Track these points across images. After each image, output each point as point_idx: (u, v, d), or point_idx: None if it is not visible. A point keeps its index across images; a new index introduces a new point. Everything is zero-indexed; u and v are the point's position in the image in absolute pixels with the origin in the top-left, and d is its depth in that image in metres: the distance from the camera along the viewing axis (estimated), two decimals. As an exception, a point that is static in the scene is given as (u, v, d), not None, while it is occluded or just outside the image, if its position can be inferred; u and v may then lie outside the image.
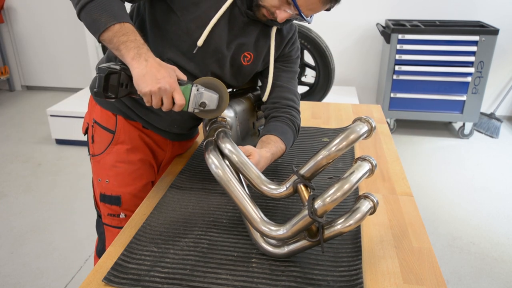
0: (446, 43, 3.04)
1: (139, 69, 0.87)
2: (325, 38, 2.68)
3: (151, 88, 0.87)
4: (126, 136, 1.16)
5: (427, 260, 0.86)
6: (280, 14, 1.00)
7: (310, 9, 0.99)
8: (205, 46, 1.03)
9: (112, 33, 0.88)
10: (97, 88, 0.90)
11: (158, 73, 0.88)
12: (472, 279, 1.89)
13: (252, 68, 1.14)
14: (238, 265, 0.84)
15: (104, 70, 0.89)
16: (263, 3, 1.00)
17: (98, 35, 0.89)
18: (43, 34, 4.22)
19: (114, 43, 0.88)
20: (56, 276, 1.90)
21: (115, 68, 0.90)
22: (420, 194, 2.55)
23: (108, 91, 0.90)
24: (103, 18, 0.88)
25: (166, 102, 0.91)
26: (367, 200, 0.81)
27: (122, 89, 0.92)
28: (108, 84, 0.90)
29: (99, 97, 0.91)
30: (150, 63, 0.88)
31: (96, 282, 0.80)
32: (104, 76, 0.89)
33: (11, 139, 3.36)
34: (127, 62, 0.89)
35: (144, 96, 0.89)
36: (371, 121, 0.83)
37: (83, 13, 0.90)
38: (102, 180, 1.17)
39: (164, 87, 0.88)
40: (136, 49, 0.88)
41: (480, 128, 3.42)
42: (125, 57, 0.89)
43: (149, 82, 0.87)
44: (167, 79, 0.89)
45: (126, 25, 0.89)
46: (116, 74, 0.90)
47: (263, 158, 1.00)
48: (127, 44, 0.88)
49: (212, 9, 1.01)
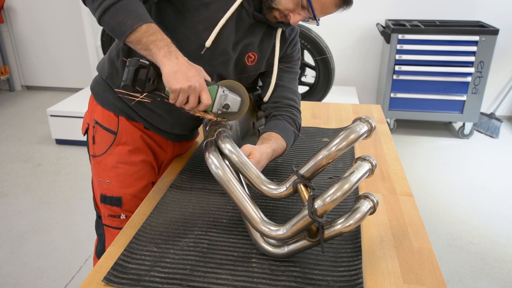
0: (446, 43, 3.04)
1: (170, 66, 0.88)
2: (325, 38, 2.68)
3: (182, 85, 0.88)
4: (128, 137, 1.16)
5: (427, 260, 0.86)
6: (294, 17, 1.02)
7: (323, 12, 1.01)
8: (213, 47, 1.04)
9: (140, 34, 0.88)
10: (125, 81, 0.90)
11: (189, 71, 0.89)
12: (472, 279, 1.89)
13: (255, 68, 1.15)
14: (238, 265, 0.84)
15: (134, 63, 0.90)
16: (277, 6, 1.01)
17: (124, 37, 0.89)
18: (43, 34, 4.22)
19: (143, 44, 0.89)
20: (56, 276, 1.90)
21: (144, 62, 0.91)
22: (420, 194, 2.55)
23: (136, 85, 0.91)
24: (128, 20, 0.88)
25: (192, 101, 0.91)
26: (367, 200, 0.81)
27: (149, 84, 0.92)
28: (136, 78, 0.90)
29: (125, 90, 0.91)
30: (180, 61, 0.90)
31: (96, 282, 0.80)
32: (134, 69, 0.89)
33: (11, 139, 3.36)
34: (158, 60, 0.89)
35: (173, 93, 0.90)
36: (371, 121, 0.83)
37: (106, 16, 0.89)
38: (103, 181, 1.17)
39: (194, 86, 0.89)
40: (166, 47, 0.89)
41: (480, 128, 3.42)
42: (155, 55, 0.89)
43: (180, 80, 0.88)
44: (197, 78, 0.90)
45: (152, 25, 0.90)
46: (145, 69, 0.91)
47: (264, 154, 1.00)
48: (156, 43, 0.89)
49: (220, 11, 1.02)
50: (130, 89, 0.91)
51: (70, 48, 4.21)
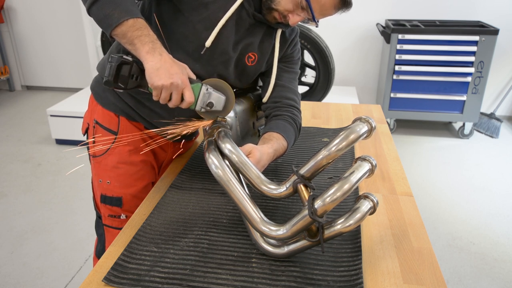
0: (446, 43, 3.04)
1: (153, 63, 0.88)
2: (325, 38, 2.68)
3: (164, 82, 0.88)
4: (128, 137, 1.16)
5: (427, 260, 0.86)
6: (293, 18, 1.02)
7: (322, 14, 1.01)
8: (213, 47, 1.04)
9: (126, 27, 0.88)
10: (107, 77, 0.90)
11: (172, 68, 0.89)
12: (472, 279, 1.89)
13: (256, 68, 1.15)
14: (238, 265, 0.84)
15: (116, 59, 0.90)
16: (277, 7, 1.01)
17: (110, 30, 0.89)
18: (43, 34, 4.21)
19: (128, 38, 0.89)
20: (56, 276, 1.90)
21: (127, 58, 0.91)
22: (420, 194, 2.55)
23: (118, 81, 0.91)
24: (115, 13, 0.88)
25: (175, 98, 0.91)
26: (367, 200, 0.81)
27: (132, 80, 0.92)
28: (119, 74, 0.90)
29: (108, 86, 0.91)
30: (164, 58, 0.89)
31: (96, 282, 0.80)
32: (116, 65, 0.89)
33: (11, 139, 3.36)
34: (141, 56, 0.89)
35: (155, 90, 0.90)
36: (371, 121, 0.83)
37: (95, 8, 0.89)
38: (103, 181, 1.17)
39: (176, 83, 0.89)
40: (150, 43, 0.89)
41: (480, 128, 3.42)
42: (139, 51, 0.89)
43: (162, 76, 0.88)
44: (179, 75, 0.90)
45: (139, 20, 0.90)
46: (128, 65, 0.91)
47: (265, 154, 1.00)
48: (141, 38, 0.89)
49: (220, 11, 1.01)
50: (112, 85, 0.91)
51: (70, 48, 4.21)
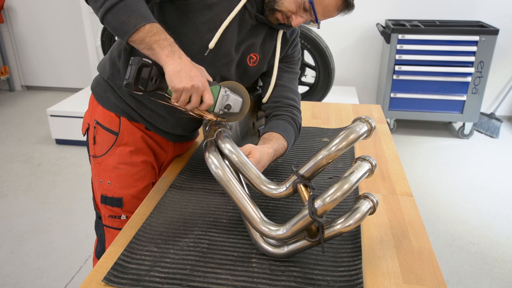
0: (446, 43, 3.04)
1: (173, 66, 0.89)
2: (325, 38, 2.68)
3: (185, 84, 0.88)
4: (129, 138, 1.16)
5: (427, 260, 0.86)
6: (296, 19, 1.02)
7: (325, 16, 1.01)
8: (216, 49, 1.04)
9: (143, 33, 0.89)
10: (128, 79, 0.91)
11: (192, 71, 0.90)
12: (472, 279, 1.89)
13: (257, 69, 1.15)
14: (238, 265, 0.84)
15: (137, 61, 0.90)
16: (280, 8, 1.02)
17: (127, 36, 0.89)
18: (43, 34, 4.21)
19: (146, 43, 0.89)
20: (56, 276, 1.90)
21: (147, 61, 0.91)
22: (420, 194, 2.55)
23: (138, 83, 0.91)
24: (132, 19, 0.88)
25: (194, 100, 0.92)
26: (367, 200, 0.81)
27: (152, 83, 0.93)
28: (139, 76, 0.91)
29: (128, 89, 0.92)
30: (184, 61, 0.90)
31: (96, 282, 0.80)
32: (137, 68, 0.90)
33: (11, 139, 3.36)
34: (161, 59, 0.90)
35: (175, 92, 0.90)
36: (371, 121, 0.83)
37: (109, 16, 0.89)
38: (103, 181, 1.17)
39: (197, 85, 0.90)
40: (169, 46, 0.90)
41: (480, 128, 3.42)
42: (159, 55, 0.90)
43: (183, 79, 0.88)
44: (199, 77, 0.91)
45: (156, 25, 0.91)
46: (148, 68, 0.91)
47: (265, 154, 1.00)
48: (160, 42, 0.89)
49: (224, 12, 1.02)
50: (132, 87, 0.92)
51: (70, 48, 4.21)
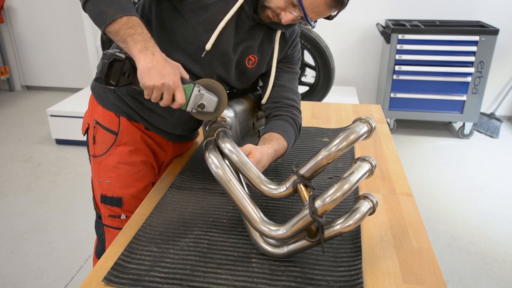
0: (446, 43, 3.04)
1: (145, 62, 0.88)
2: (325, 38, 2.68)
3: (155, 82, 0.88)
4: (129, 138, 1.16)
5: (427, 260, 0.86)
6: (285, 15, 1.01)
7: (315, 12, 0.99)
8: (213, 50, 1.04)
9: (119, 25, 0.88)
10: (99, 74, 0.90)
11: (164, 68, 0.89)
12: (472, 279, 1.89)
13: (256, 70, 1.15)
14: (238, 265, 0.84)
15: (109, 56, 0.89)
16: (269, 4, 1.01)
17: (104, 27, 0.89)
18: (43, 34, 4.21)
19: (120, 36, 0.89)
20: (56, 276, 1.90)
21: (120, 56, 0.90)
22: (420, 194, 2.55)
23: (110, 78, 0.90)
24: (110, 10, 0.88)
25: (166, 98, 0.91)
26: (367, 200, 0.81)
27: (124, 78, 0.92)
28: (111, 71, 0.90)
29: (99, 83, 0.91)
30: (156, 58, 0.89)
31: (96, 282, 0.80)
32: (108, 62, 0.89)
33: (11, 139, 3.36)
34: (133, 55, 0.89)
35: (146, 89, 0.90)
36: (371, 121, 0.83)
37: (89, 4, 0.89)
38: (103, 181, 1.17)
39: (167, 84, 0.89)
40: (143, 42, 0.89)
41: (480, 128, 3.42)
42: (131, 49, 0.89)
43: (154, 77, 0.88)
44: (171, 76, 0.90)
45: (133, 18, 0.90)
46: (120, 62, 0.90)
47: (265, 154, 1.00)
48: (134, 37, 0.88)
49: (220, 13, 1.01)
50: (103, 81, 0.90)
51: (70, 48, 4.21)
